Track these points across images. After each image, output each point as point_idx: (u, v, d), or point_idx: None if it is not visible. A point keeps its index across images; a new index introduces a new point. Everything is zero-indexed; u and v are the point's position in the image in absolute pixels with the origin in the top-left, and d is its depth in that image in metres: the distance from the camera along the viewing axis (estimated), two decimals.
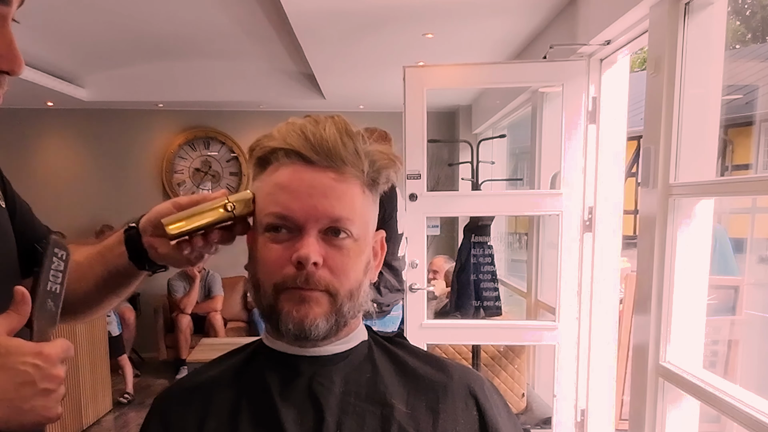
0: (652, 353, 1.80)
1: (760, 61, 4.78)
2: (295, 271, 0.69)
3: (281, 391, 0.73)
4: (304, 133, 0.70)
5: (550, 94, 3.13)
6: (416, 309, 2.57)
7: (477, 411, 0.75)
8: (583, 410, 2.49)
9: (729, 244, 3.25)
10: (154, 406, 0.79)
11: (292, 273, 0.69)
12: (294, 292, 0.70)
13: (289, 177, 0.70)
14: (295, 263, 0.69)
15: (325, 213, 0.69)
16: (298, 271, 0.69)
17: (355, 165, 0.71)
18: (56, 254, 0.71)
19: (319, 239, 0.70)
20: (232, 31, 3.50)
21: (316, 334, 0.71)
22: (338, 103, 4.92)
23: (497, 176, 4.40)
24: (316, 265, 0.69)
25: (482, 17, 2.80)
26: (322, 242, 0.70)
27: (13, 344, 0.62)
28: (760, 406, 1.39)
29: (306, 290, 0.70)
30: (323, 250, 0.70)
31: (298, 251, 0.69)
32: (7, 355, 0.61)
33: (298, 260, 0.68)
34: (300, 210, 0.69)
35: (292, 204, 0.69)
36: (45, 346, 0.64)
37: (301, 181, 0.70)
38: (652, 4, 1.80)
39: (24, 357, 0.62)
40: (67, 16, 3.16)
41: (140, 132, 5.43)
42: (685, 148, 1.73)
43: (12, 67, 0.69)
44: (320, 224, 0.70)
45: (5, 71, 0.70)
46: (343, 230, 0.71)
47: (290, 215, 0.70)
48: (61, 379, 0.64)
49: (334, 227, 0.70)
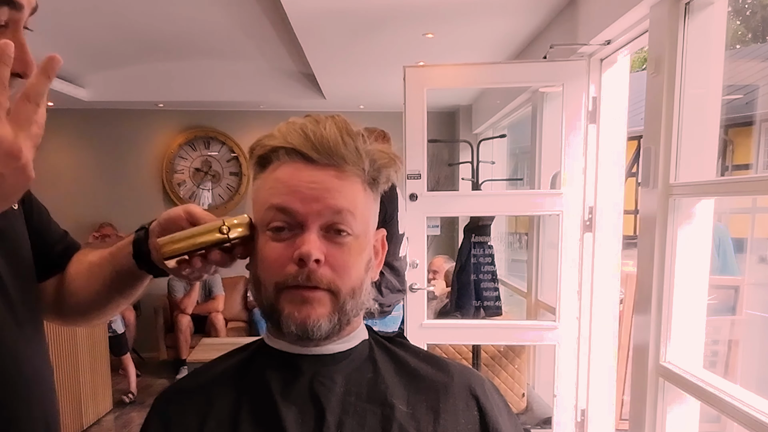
0: (653, 353, 1.80)
1: (760, 61, 4.78)
2: (296, 269, 0.69)
3: (282, 391, 0.73)
4: (304, 132, 0.70)
5: (550, 94, 3.13)
6: (416, 309, 2.57)
7: (478, 411, 0.75)
8: (583, 410, 2.49)
9: (731, 244, 3.25)
10: (155, 406, 0.79)
11: (294, 271, 0.69)
12: (296, 292, 0.70)
13: (290, 174, 0.70)
14: (297, 260, 0.69)
15: (327, 206, 0.69)
16: (299, 269, 0.69)
17: (356, 163, 0.71)
18: None
19: (321, 237, 0.70)
20: (232, 31, 3.50)
21: (318, 334, 0.71)
22: (338, 103, 4.92)
23: (497, 176, 4.40)
24: (318, 263, 0.69)
25: (482, 17, 2.80)
26: (323, 240, 0.70)
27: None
28: (760, 406, 1.39)
29: (308, 290, 0.70)
30: (325, 247, 0.70)
31: (299, 248, 0.68)
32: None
33: (300, 257, 0.68)
34: (301, 202, 0.69)
35: (293, 197, 0.69)
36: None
37: (302, 179, 0.70)
38: (653, 4, 1.80)
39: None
40: (68, 16, 3.16)
41: (140, 132, 5.43)
42: (685, 148, 1.73)
43: (24, 69, 0.71)
44: (322, 219, 0.70)
45: (18, 74, 0.71)
46: (344, 228, 0.71)
47: (291, 207, 0.69)
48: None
49: (335, 226, 0.70)
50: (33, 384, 0.82)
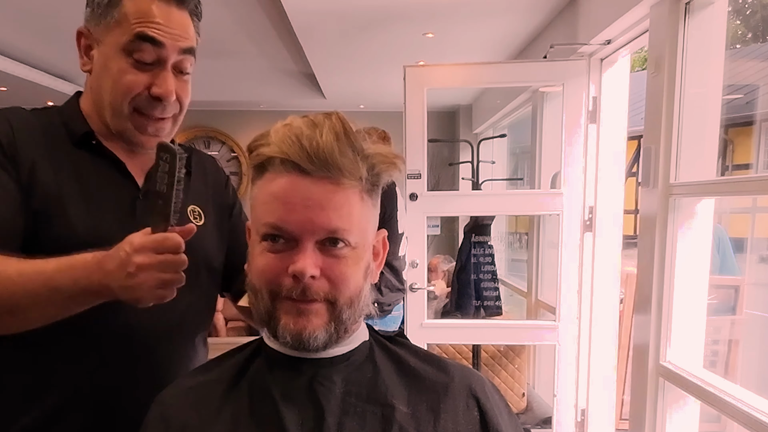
0: (653, 353, 1.80)
1: (760, 61, 4.78)
2: (292, 283, 0.69)
3: (282, 391, 0.73)
4: (299, 141, 0.68)
5: (551, 94, 3.13)
6: (416, 308, 2.57)
7: (478, 411, 0.75)
8: (583, 410, 2.49)
9: (729, 244, 3.25)
10: (155, 406, 0.79)
11: (289, 284, 0.69)
12: (291, 304, 0.70)
13: (285, 188, 0.69)
14: (292, 276, 0.69)
15: (322, 226, 0.69)
16: (295, 284, 0.69)
17: (353, 173, 0.70)
18: (162, 158, 0.78)
19: (316, 250, 0.70)
20: (232, 31, 3.50)
21: (315, 345, 0.71)
22: (338, 102, 4.91)
23: (498, 176, 4.40)
24: (313, 278, 0.69)
25: (482, 17, 2.80)
26: (319, 253, 0.70)
27: (127, 237, 0.78)
28: (760, 406, 1.39)
29: (304, 303, 0.70)
30: (320, 260, 0.69)
31: (294, 264, 0.68)
32: (120, 245, 0.78)
33: (294, 274, 0.68)
34: (296, 222, 0.69)
35: (288, 216, 0.69)
36: (134, 236, 0.78)
37: (297, 193, 0.68)
38: (653, 4, 1.80)
39: (123, 245, 0.77)
40: (69, 16, 3.15)
41: None
42: (685, 147, 1.73)
43: (163, 94, 0.92)
44: (317, 236, 0.69)
45: (157, 97, 0.92)
46: (340, 240, 0.70)
47: (286, 227, 0.69)
48: (138, 265, 0.76)
49: (331, 238, 0.70)
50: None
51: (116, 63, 0.91)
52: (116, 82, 0.91)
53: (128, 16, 0.90)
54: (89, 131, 0.95)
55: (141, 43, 0.90)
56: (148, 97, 0.92)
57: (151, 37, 0.90)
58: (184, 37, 0.94)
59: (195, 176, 1.07)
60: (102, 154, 0.95)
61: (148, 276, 0.76)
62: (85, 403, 0.90)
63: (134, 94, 0.92)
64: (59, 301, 0.80)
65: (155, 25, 0.90)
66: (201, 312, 1.05)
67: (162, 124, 0.96)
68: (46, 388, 0.89)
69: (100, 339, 0.90)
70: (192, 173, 1.05)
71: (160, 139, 0.96)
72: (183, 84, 0.96)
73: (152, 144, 0.95)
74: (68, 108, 0.99)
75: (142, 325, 0.91)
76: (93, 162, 0.94)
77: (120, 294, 0.78)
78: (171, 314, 0.92)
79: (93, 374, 0.90)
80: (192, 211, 1.03)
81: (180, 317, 0.96)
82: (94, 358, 0.90)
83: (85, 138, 0.95)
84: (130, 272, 0.76)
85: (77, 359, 0.90)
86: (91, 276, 0.78)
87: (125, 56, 0.91)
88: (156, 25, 0.90)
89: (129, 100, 0.92)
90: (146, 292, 0.78)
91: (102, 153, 0.95)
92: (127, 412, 0.85)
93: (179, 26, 0.93)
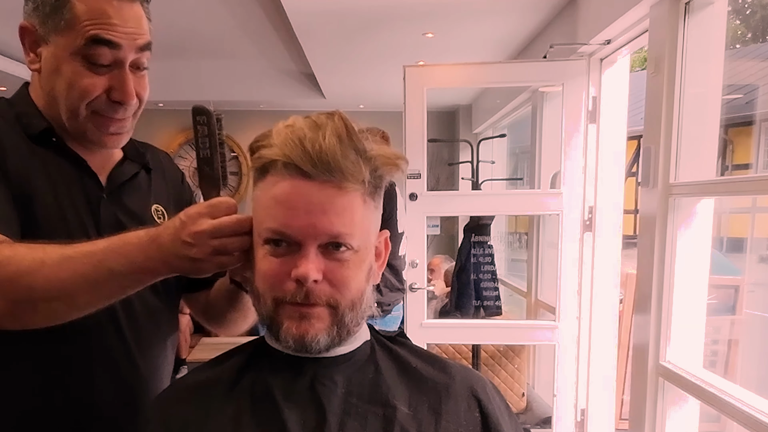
0: (652, 353, 1.80)
1: (760, 61, 4.78)
2: (294, 287, 0.69)
3: (284, 391, 0.73)
4: (302, 143, 0.68)
5: (550, 94, 3.13)
6: (416, 308, 2.57)
7: (480, 413, 0.75)
8: (583, 410, 2.49)
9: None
10: (154, 406, 0.79)
11: (292, 288, 0.69)
12: (294, 309, 0.70)
13: (287, 192, 0.68)
14: (295, 280, 0.69)
15: (324, 230, 0.68)
16: (297, 288, 0.69)
17: (355, 176, 0.69)
18: (198, 122, 0.75)
19: (319, 254, 0.69)
20: (232, 31, 3.50)
21: (317, 348, 0.71)
22: (338, 102, 4.91)
23: (497, 176, 4.40)
24: (315, 282, 0.69)
25: (482, 17, 2.80)
26: (321, 257, 0.69)
27: (185, 209, 0.76)
28: (760, 405, 1.39)
29: (306, 307, 0.70)
30: (323, 264, 0.69)
31: (297, 269, 0.68)
32: (175, 216, 0.76)
33: (297, 278, 0.68)
34: (298, 227, 0.68)
35: (290, 221, 0.68)
36: (190, 207, 0.76)
37: (300, 197, 0.68)
38: (653, 4, 1.80)
39: (179, 215, 0.75)
40: None
41: (140, 131, 5.26)
42: (685, 147, 1.73)
43: (123, 98, 0.88)
44: (319, 240, 0.69)
45: (119, 101, 0.88)
46: (343, 244, 0.70)
47: (288, 232, 0.69)
48: (193, 233, 0.73)
49: (334, 242, 0.70)
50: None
51: (70, 66, 0.85)
52: (71, 86, 0.86)
53: (79, 18, 0.83)
54: (48, 128, 0.89)
55: (96, 46, 0.84)
56: (108, 101, 0.88)
57: (107, 40, 0.84)
58: (140, 33, 0.87)
59: (154, 174, 1.05)
60: (64, 153, 0.90)
61: (205, 243, 0.73)
62: (57, 414, 0.88)
63: (92, 97, 0.87)
64: (114, 282, 0.76)
65: (109, 27, 0.84)
66: (164, 311, 1.01)
67: (123, 123, 0.92)
68: (20, 396, 0.86)
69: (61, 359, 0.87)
70: (151, 170, 1.03)
71: (121, 137, 0.93)
72: (141, 80, 0.91)
73: (113, 143, 0.93)
74: (20, 101, 0.93)
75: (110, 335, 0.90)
76: (56, 159, 0.89)
77: (179, 266, 0.76)
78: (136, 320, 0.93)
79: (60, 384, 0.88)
80: (156, 210, 1.00)
81: (145, 320, 0.95)
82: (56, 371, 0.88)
83: (44, 134, 0.89)
84: (185, 241, 0.73)
85: (45, 371, 0.87)
86: (147, 252, 0.75)
87: (79, 59, 0.85)
88: (110, 26, 0.84)
89: (86, 104, 0.87)
90: (206, 260, 0.74)
91: (64, 151, 0.90)
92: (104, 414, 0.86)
93: (134, 22, 0.87)
